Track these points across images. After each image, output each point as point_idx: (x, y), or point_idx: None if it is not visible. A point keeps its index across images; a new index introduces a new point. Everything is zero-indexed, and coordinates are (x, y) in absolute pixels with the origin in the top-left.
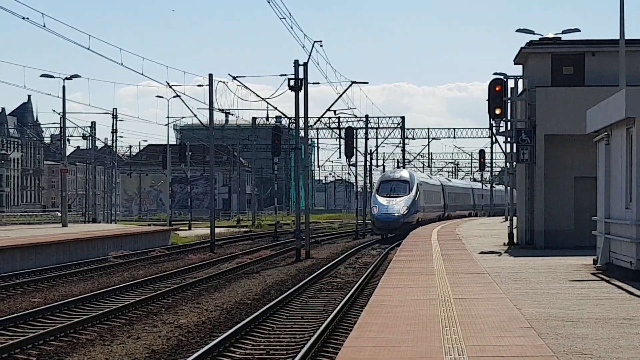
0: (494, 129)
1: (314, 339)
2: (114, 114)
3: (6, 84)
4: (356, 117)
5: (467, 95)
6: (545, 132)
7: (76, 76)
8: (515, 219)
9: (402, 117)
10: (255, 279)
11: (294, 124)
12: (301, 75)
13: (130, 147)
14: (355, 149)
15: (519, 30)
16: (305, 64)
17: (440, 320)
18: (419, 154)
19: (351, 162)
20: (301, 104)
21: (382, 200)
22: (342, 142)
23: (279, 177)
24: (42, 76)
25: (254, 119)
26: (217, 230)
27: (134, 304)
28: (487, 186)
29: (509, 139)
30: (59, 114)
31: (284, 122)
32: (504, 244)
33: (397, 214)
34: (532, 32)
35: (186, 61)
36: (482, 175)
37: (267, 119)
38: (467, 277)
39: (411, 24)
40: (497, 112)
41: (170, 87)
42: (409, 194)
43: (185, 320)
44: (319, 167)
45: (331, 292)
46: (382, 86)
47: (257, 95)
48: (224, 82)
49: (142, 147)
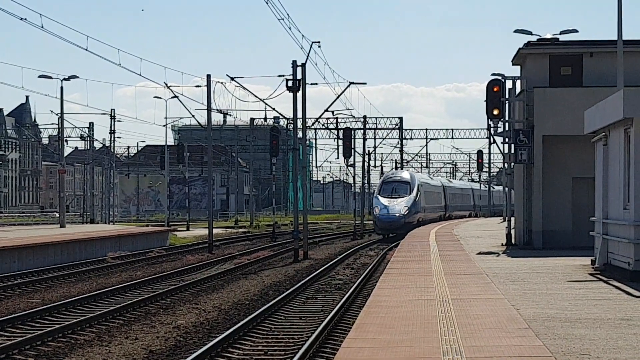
0: (492, 130)
1: (312, 339)
2: (112, 114)
3: (4, 85)
4: (354, 117)
5: (465, 95)
6: (543, 132)
7: (74, 77)
8: (513, 219)
9: (400, 118)
10: (253, 279)
11: (292, 125)
12: (299, 76)
13: (128, 147)
14: (353, 150)
15: (517, 31)
16: (303, 65)
17: (438, 320)
18: (417, 155)
19: (349, 163)
20: (299, 105)
21: (384, 200)
22: (340, 142)
23: (277, 178)
24: (40, 77)
25: (252, 120)
26: (215, 230)
27: (132, 304)
28: (487, 187)
29: (507, 140)
30: (57, 114)
31: (282, 122)
32: (502, 245)
33: (398, 214)
34: (530, 32)
35: (184, 62)
36: (480, 176)
37: (265, 119)
38: (465, 278)
39: (409, 25)
40: (495, 112)
41: (168, 87)
42: (410, 194)
43: (183, 320)
44: (317, 167)
45: (329, 292)
46: (380, 87)
47: (255, 95)
48: (222, 83)
49: (140, 148)
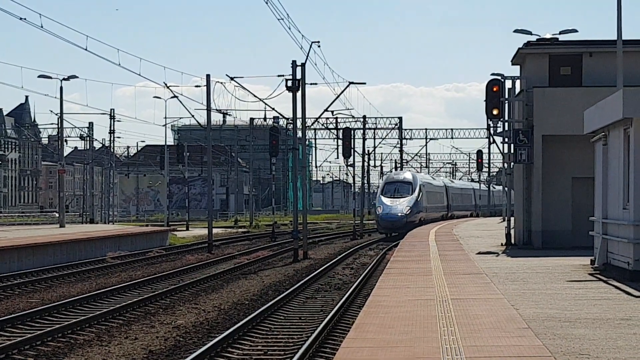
0: (492, 130)
1: (311, 339)
2: (112, 114)
3: (4, 85)
4: (354, 117)
5: (464, 95)
6: (542, 132)
7: (74, 77)
8: (512, 219)
9: (400, 118)
10: (253, 279)
11: (292, 125)
12: (299, 75)
13: (127, 147)
14: (352, 150)
15: (516, 30)
16: (302, 65)
17: (437, 320)
18: (416, 155)
19: (349, 163)
20: (299, 105)
21: (386, 200)
22: (340, 142)
23: (277, 178)
24: (39, 77)
25: (252, 120)
26: (214, 230)
27: (132, 304)
28: (488, 187)
29: (507, 140)
30: (57, 114)
31: (282, 122)
32: (502, 245)
33: (400, 214)
34: (529, 32)
35: (184, 62)
36: (479, 176)
37: (264, 119)
38: (465, 278)
39: (409, 25)
40: (495, 112)
41: (167, 87)
42: (412, 194)
43: (183, 320)
44: (316, 167)
45: (329, 292)
46: (379, 87)
47: (255, 95)
48: (222, 83)
49: (139, 148)
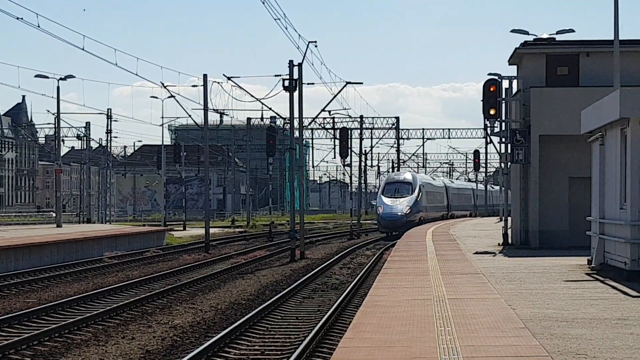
0: (489, 130)
1: (308, 339)
2: (109, 114)
3: (1, 84)
4: (351, 117)
5: (461, 95)
6: (539, 132)
7: (71, 76)
8: (509, 219)
9: (397, 118)
10: (249, 279)
11: (289, 125)
12: (296, 75)
13: (124, 147)
14: (349, 150)
15: (513, 30)
16: (299, 65)
17: (435, 320)
18: (413, 154)
19: (346, 163)
20: (296, 105)
21: (387, 200)
22: (337, 142)
23: (274, 178)
24: (36, 76)
25: (249, 120)
26: (211, 230)
27: (129, 304)
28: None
29: (504, 140)
30: (54, 114)
31: (279, 122)
32: (499, 244)
33: (400, 214)
34: (526, 32)
35: (181, 62)
36: (476, 176)
37: (261, 119)
38: (462, 278)
39: (406, 25)
40: (492, 112)
41: (164, 87)
42: (412, 194)
43: (180, 320)
44: (313, 167)
45: (326, 292)
46: (376, 87)
47: (252, 95)
48: (219, 83)
49: (136, 148)
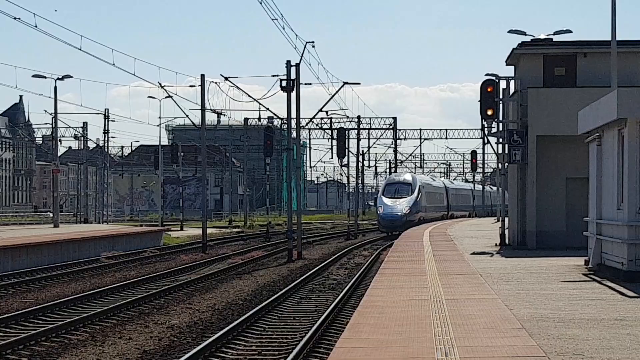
0: (486, 130)
1: (305, 339)
2: (106, 114)
3: None
4: (348, 117)
5: (459, 96)
6: (537, 132)
7: (68, 76)
8: (507, 219)
9: (394, 118)
10: (247, 279)
11: (286, 125)
12: (293, 76)
13: (122, 147)
14: (347, 150)
15: (510, 31)
16: (297, 65)
17: (432, 320)
18: (410, 155)
19: (343, 163)
20: (293, 105)
21: (387, 201)
22: (334, 142)
23: (271, 178)
24: (33, 76)
25: (246, 120)
26: (209, 230)
27: (126, 304)
28: (485, 187)
29: (501, 140)
30: (51, 114)
31: (276, 122)
32: (496, 245)
33: (399, 214)
34: (524, 33)
35: (178, 62)
36: (474, 176)
37: (259, 119)
38: (459, 278)
39: (403, 25)
40: (489, 113)
41: (162, 87)
42: (411, 195)
43: (177, 320)
44: (311, 167)
45: (323, 292)
46: (374, 87)
47: (249, 95)
48: (216, 83)
49: (134, 148)
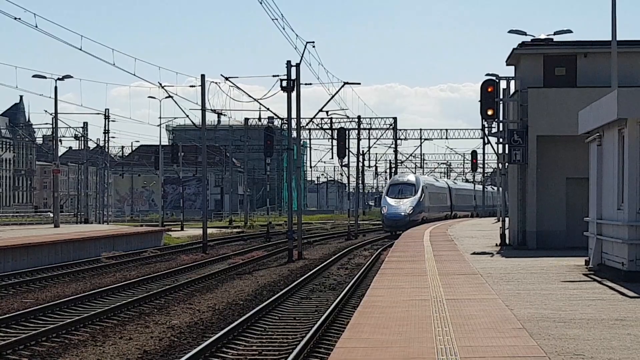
0: (486, 130)
1: (306, 339)
2: (106, 114)
3: None
4: (348, 117)
5: (459, 96)
6: (537, 133)
7: (68, 77)
8: (507, 219)
9: (395, 118)
10: (247, 279)
11: (287, 125)
12: (293, 76)
13: (122, 147)
14: (347, 150)
15: (511, 31)
16: (297, 65)
17: (432, 321)
18: (411, 155)
19: (343, 163)
20: (293, 105)
21: (391, 201)
22: (335, 142)
23: (272, 178)
24: (34, 76)
25: (247, 120)
26: (209, 230)
27: (126, 304)
28: (487, 188)
29: (501, 140)
30: (51, 114)
31: (277, 122)
32: (496, 245)
33: (403, 213)
34: (524, 33)
35: (178, 62)
36: (474, 176)
37: (259, 119)
38: (459, 278)
39: (403, 25)
40: (490, 113)
41: (162, 87)
42: (415, 195)
43: (177, 320)
44: (311, 167)
45: (323, 292)
46: (374, 87)
47: (250, 96)
48: (217, 83)
49: (134, 148)
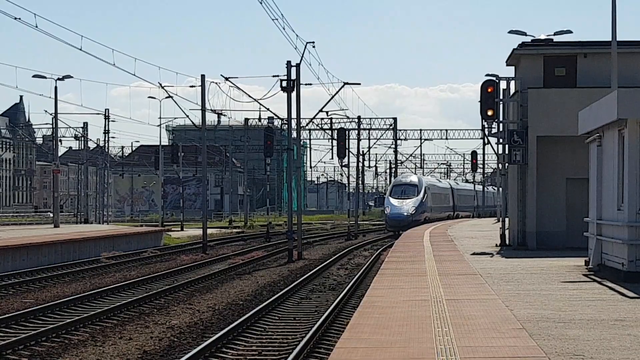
0: (486, 130)
1: (306, 339)
2: (106, 114)
3: None
4: (348, 118)
5: (459, 96)
6: (537, 133)
7: (68, 77)
8: (507, 220)
9: (395, 119)
10: (247, 279)
11: (287, 125)
12: (293, 76)
13: (122, 147)
14: (347, 150)
15: (511, 31)
16: (297, 65)
17: (432, 321)
18: (411, 155)
19: (343, 163)
20: (293, 105)
21: (394, 201)
22: (335, 143)
23: (271, 178)
24: (34, 76)
25: (247, 120)
26: (209, 231)
27: (126, 304)
28: (488, 188)
29: (501, 140)
30: (51, 114)
31: (277, 123)
32: (496, 245)
33: (405, 214)
34: (524, 33)
35: (178, 62)
36: (474, 176)
37: (259, 119)
38: (459, 278)
39: (403, 25)
40: (490, 113)
41: (162, 87)
42: (417, 196)
43: (177, 321)
44: (311, 168)
45: (323, 293)
46: (374, 87)
47: (250, 96)
48: (217, 83)
49: (134, 148)
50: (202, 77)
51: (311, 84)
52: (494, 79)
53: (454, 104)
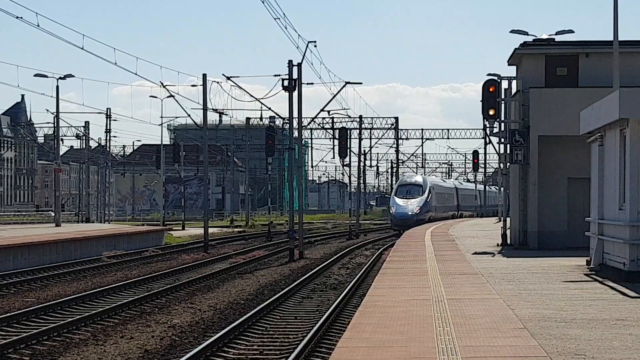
0: (488, 130)
1: (307, 339)
2: (108, 113)
3: (0, 83)
4: (350, 117)
5: (460, 96)
6: (538, 133)
7: (70, 76)
8: (508, 219)
9: (396, 118)
10: (248, 279)
11: (288, 124)
12: (295, 75)
13: (124, 147)
14: (349, 150)
15: (512, 31)
16: (299, 65)
17: (433, 320)
18: (412, 155)
19: (345, 163)
20: (295, 105)
21: (399, 201)
22: (336, 142)
23: (273, 178)
24: (35, 76)
25: (248, 119)
26: (210, 230)
27: (128, 303)
28: (489, 188)
29: (503, 140)
30: (53, 113)
31: (278, 122)
32: (498, 245)
33: (410, 213)
34: (526, 33)
35: (180, 61)
36: (475, 176)
37: (261, 119)
38: (461, 278)
39: (405, 25)
40: (491, 113)
41: (164, 87)
42: (422, 196)
43: (178, 320)
44: (312, 167)
45: (325, 292)
46: (376, 87)
47: (251, 95)
48: (218, 82)
49: (135, 147)
50: (204, 76)
51: (313, 84)
52: (496, 78)
53: (455, 103)
